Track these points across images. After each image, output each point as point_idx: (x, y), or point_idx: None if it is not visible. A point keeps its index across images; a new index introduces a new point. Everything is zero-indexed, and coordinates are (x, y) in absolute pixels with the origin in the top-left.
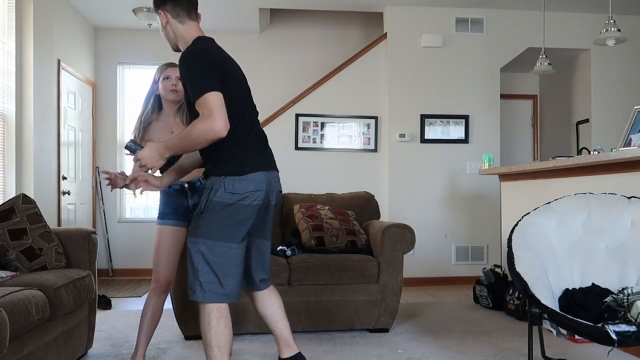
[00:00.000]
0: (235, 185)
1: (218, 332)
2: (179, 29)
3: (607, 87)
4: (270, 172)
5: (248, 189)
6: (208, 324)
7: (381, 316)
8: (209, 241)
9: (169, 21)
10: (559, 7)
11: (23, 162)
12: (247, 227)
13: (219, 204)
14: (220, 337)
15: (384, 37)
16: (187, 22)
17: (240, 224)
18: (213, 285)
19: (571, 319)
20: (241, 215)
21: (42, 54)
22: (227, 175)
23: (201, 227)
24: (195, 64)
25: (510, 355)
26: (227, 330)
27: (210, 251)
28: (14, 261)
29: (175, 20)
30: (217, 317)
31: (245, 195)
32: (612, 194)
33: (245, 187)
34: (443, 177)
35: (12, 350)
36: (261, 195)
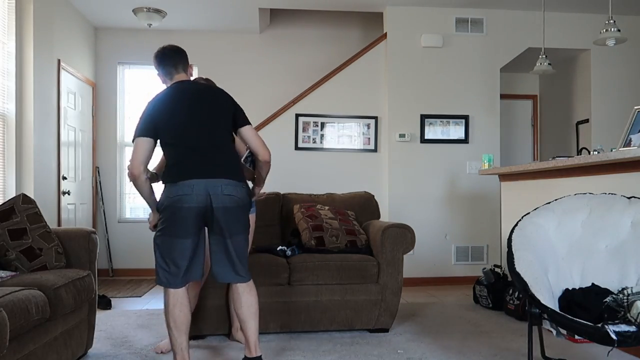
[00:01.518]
0: (170, 190)
1: (174, 315)
2: (169, 84)
3: (607, 87)
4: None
5: (178, 193)
6: (166, 307)
7: (381, 316)
8: (160, 235)
9: (164, 80)
10: (559, 7)
11: (23, 162)
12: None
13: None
14: (175, 319)
15: (384, 37)
16: (174, 77)
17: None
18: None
19: (571, 319)
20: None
21: (42, 54)
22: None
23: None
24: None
25: (510, 355)
26: (182, 314)
27: (161, 243)
28: (14, 261)
29: (167, 78)
30: (172, 302)
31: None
32: (612, 194)
33: (175, 191)
34: (443, 177)
35: (12, 350)
36: (194, 199)
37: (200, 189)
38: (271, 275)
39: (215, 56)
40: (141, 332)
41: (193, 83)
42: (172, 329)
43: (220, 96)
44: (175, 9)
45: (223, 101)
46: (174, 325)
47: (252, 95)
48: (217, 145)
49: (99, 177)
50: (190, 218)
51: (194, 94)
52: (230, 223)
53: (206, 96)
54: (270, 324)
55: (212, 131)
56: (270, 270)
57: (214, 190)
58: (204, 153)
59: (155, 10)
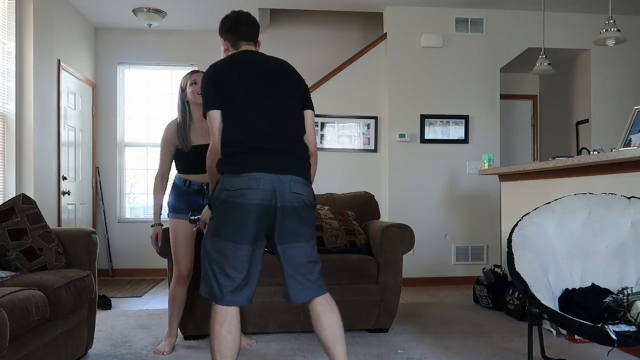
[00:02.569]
0: (229, 182)
1: (220, 337)
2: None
3: (607, 87)
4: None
5: (240, 186)
6: (212, 327)
7: (380, 316)
8: (207, 238)
9: (228, 49)
10: (559, 7)
11: (23, 162)
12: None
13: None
14: (221, 342)
15: (384, 37)
16: (242, 47)
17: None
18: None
19: (571, 319)
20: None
21: (42, 54)
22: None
23: (210, 223)
24: (202, 81)
25: (510, 355)
26: (230, 337)
27: (211, 247)
28: (14, 261)
29: (233, 48)
30: (220, 321)
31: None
32: (612, 194)
33: (238, 183)
34: (443, 177)
35: (12, 350)
36: (258, 194)
37: (267, 184)
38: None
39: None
40: (141, 332)
41: (265, 55)
42: (216, 354)
43: (294, 72)
44: (175, 9)
45: (298, 78)
46: (218, 350)
47: None
48: (292, 134)
49: (99, 177)
50: (251, 219)
51: (269, 68)
52: (297, 227)
53: (283, 71)
54: (270, 323)
55: (289, 116)
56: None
57: (281, 188)
58: (277, 142)
59: (155, 10)
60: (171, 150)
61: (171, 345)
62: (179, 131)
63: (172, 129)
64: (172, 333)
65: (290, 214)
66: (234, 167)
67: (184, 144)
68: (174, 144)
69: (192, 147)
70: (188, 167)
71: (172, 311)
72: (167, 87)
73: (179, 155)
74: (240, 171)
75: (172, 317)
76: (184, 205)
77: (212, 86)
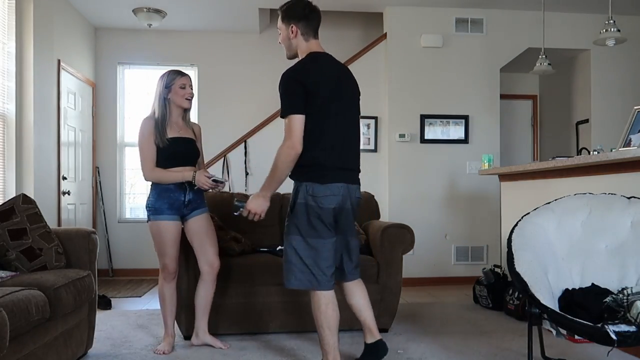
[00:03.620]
0: (314, 190)
1: (324, 316)
2: (302, 45)
3: (607, 87)
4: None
5: (326, 193)
6: (318, 309)
7: (380, 316)
8: (299, 237)
9: (297, 36)
10: (559, 7)
11: (23, 162)
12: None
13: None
14: (325, 320)
15: (384, 37)
16: (311, 41)
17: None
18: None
19: (571, 319)
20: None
21: (42, 54)
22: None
23: (292, 224)
24: (284, 84)
25: (510, 355)
26: (334, 314)
27: (302, 245)
28: (14, 261)
29: (302, 37)
30: (322, 303)
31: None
32: (612, 194)
33: (323, 191)
34: (443, 177)
35: (12, 350)
36: (337, 200)
37: (343, 192)
38: (271, 275)
39: (215, 56)
40: (141, 332)
41: (336, 60)
42: (325, 329)
43: (354, 79)
44: (175, 9)
45: (357, 86)
46: (328, 325)
47: (252, 95)
48: (357, 150)
49: (99, 177)
50: (330, 218)
51: (342, 75)
52: (352, 224)
53: (351, 79)
54: (270, 323)
55: (355, 125)
56: (270, 270)
57: (351, 194)
58: (350, 162)
59: (155, 11)
60: (151, 144)
61: (171, 345)
62: (156, 127)
63: (151, 121)
64: (169, 333)
65: (352, 214)
66: (320, 178)
67: (160, 139)
68: (153, 138)
69: (169, 140)
70: (168, 162)
71: (165, 311)
72: None
73: (158, 151)
74: (325, 181)
75: (166, 317)
76: (164, 205)
77: (300, 91)
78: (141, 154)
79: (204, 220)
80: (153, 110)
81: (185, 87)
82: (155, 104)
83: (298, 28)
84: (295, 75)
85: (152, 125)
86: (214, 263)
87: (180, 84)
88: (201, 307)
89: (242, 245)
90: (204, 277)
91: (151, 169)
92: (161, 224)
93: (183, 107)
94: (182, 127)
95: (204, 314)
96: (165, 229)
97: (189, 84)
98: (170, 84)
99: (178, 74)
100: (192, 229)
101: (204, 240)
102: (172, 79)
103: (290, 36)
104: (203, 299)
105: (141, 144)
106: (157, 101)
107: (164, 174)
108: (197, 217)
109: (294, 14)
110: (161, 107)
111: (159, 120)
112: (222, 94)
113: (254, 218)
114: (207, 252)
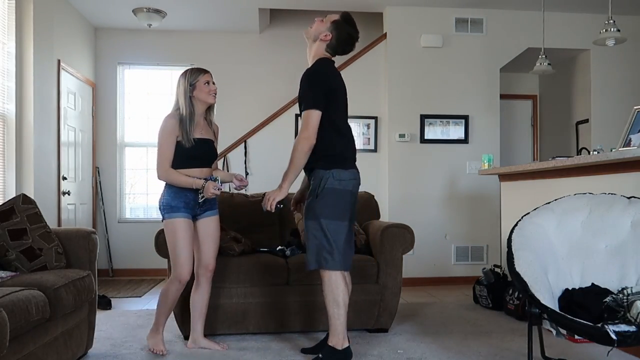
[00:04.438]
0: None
1: (343, 294)
2: (321, 48)
3: (607, 87)
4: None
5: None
6: (332, 290)
7: (380, 316)
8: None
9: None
10: (558, 7)
11: (23, 162)
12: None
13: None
14: (344, 298)
15: (384, 37)
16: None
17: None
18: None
19: (571, 318)
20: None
21: (42, 54)
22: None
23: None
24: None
25: (510, 355)
26: (345, 291)
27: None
28: (14, 261)
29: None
30: (341, 282)
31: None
32: (612, 194)
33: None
34: (443, 177)
35: (12, 350)
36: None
37: (357, 177)
38: (270, 275)
39: (215, 56)
40: (141, 332)
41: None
42: (342, 307)
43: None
44: (175, 9)
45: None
46: (344, 302)
47: (252, 95)
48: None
49: (99, 177)
50: (351, 202)
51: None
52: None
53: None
54: (270, 323)
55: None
56: (269, 270)
57: (358, 179)
58: (353, 144)
59: (155, 11)
60: (174, 141)
61: (162, 342)
62: (183, 125)
63: (174, 120)
64: (159, 330)
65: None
66: (343, 164)
67: (186, 138)
68: (176, 136)
69: (195, 141)
70: (189, 162)
71: (163, 310)
72: (167, 87)
73: (179, 149)
74: (347, 167)
75: (161, 316)
76: (181, 204)
77: (325, 89)
78: (159, 152)
79: (215, 222)
80: (177, 108)
81: (209, 83)
82: (180, 102)
83: (331, 39)
84: (321, 75)
85: (175, 124)
86: (209, 265)
87: (205, 81)
88: (197, 311)
89: (242, 245)
90: (199, 280)
91: (167, 169)
92: (177, 222)
93: (209, 102)
94: (203, 127)
95: (200, 318)
96: (182, 227)
97: (212, 80)
98: (195, 81)
99: (201, 72)
100: (201, 229)
101: (209, 243)
102: (195, 76)
103: (321, 36)
104: (199, 303)
105: (161, 142)
106: (184, 99)
107: (177, 177)
108: (208, 219)
109: (341, 34)
110: (187, 106)
111: (186, 119)
112: (222, 94)
113: (267, 206)
114: (207, 254)
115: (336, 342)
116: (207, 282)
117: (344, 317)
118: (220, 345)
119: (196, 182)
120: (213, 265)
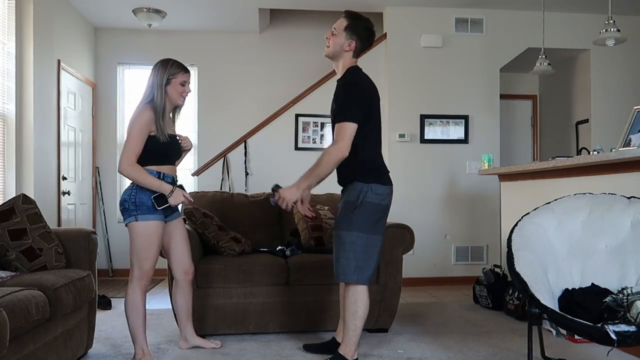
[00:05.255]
0: (380, 190)
1: (365, 308)
2: (348, 58)
3: (606, 87)
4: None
5: (387, 192)
6: (356, 302)
7: (380, 316)
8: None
9: (351, 49)
10: (558, 7)
11: (23, 162)
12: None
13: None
14: (365, 311)
15: (384, 37)
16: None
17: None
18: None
19: (571, 318)
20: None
21: (42, 54)
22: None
23: (354, 221)
24: (351, 92)
25: (510, 355)
26: (368, 305)
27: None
28: (14, 261)
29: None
30: (365, 296)
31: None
32: (612, 194)
33: (385, 191)
34: (443, 177)
35: (12, 350)
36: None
37: (392, 191)
38: (271, 275)
39: (215, 56)
40: None
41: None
42: (361, 320)
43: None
44: (175, 9)
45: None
46: (363, 317)
47: (252, 95)
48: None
49: (99, 178)
50: (386, 216)
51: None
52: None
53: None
54: (270, 324)
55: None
56: (269, 270)
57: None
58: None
59: (155, 11)
60: (146, 135)
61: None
62: (157, 119)
63: (151, 112)
64: (146, 351)
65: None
66: (382, 179)
67: (162, 133)
68: (150, 130)
69: (169, 137)
70: (162, 158)
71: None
72: None
73: (153, 145)
74: (385, 183)
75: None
76: (149, 201)
77: (364, 103)
78: (129, 144)
79: (182, 224)
80: (151, 99)
81: (185, 85)
82: (155, 92)
83: (356, 46)
84: (364, 86)
85: (152, 116)
86: (189, 270)
87: (182, 80)
88: (183, 312)
89: (242, 245)
90: (180, 284)
91: (132, 162)
92: (153, 225)
93: (178, 104)
94: (169, 123)
95: (187, 319)
96: (158, 231)
97: (189, 81)
98: (172, 77)
99: (182, 69)
100: (171, 233)
101: (183, 247)
102: (175, 72)
103: (344, 47)
104: (183, 305)
105: (133, 134)
106: (158, 90)
107: (144, 175)
108: (176, 221)
109: (361, 33)
110: (161, 100)
111: (159, 112)
112: (222, 94)
113: (282, 205)
114: (183, 258)
115: (347, 352)
116: (189, 284)
117: (361, 330)
118: (214, 342)
119: (164, 186)
120: (192, 269)
